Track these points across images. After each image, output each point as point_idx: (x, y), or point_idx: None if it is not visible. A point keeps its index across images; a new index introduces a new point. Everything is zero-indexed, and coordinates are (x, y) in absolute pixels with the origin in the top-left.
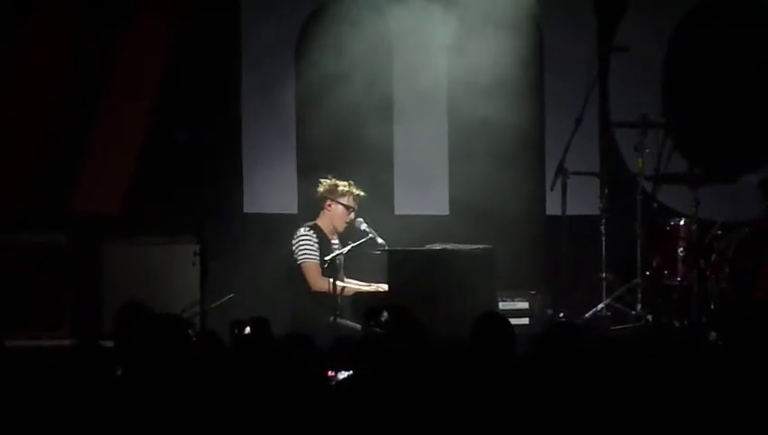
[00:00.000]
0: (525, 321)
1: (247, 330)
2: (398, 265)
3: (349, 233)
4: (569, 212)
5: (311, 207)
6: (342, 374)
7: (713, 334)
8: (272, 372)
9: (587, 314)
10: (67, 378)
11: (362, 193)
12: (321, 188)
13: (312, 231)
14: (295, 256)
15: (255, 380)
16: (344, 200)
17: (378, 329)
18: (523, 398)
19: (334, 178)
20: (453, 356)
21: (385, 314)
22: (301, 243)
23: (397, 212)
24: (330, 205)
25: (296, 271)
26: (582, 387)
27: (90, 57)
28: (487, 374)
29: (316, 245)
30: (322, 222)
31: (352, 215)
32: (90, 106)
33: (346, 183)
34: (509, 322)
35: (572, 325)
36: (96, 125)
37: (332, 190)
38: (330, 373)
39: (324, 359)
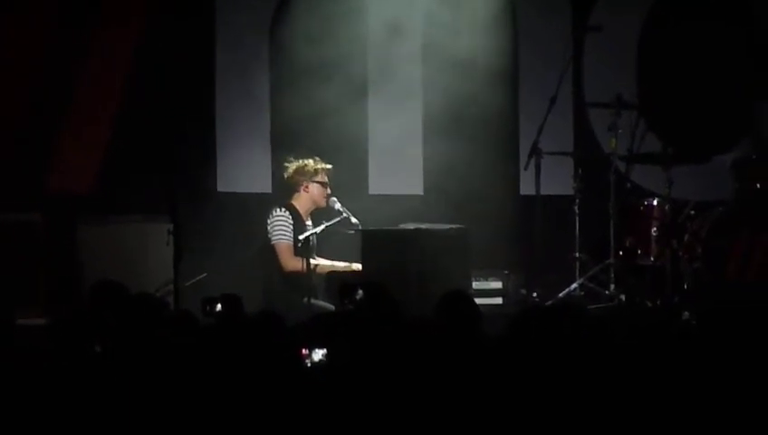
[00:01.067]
0: (499, 301)
1: (218, 307)
2: (372, 244)
3: (323, 212)
4: (543, 192)
5: (285, 187)
6: (317, 352)
7: (686, 314)
8: (245, 350)
9: (560, 294)
10: (46, 355)
11: (329, 166)
12: (290, 171)
13: (287, 212)
14: (269, 235)
15: (229, 358)
16: (318, 178)
17: (352, 307)
18: (494, 378)
19: (296, 157)
20: (421, 335)
21: (360, 291)
22: (276, 223)
23: (371, 192)
24: (306, 187)
25: (269, 251)
26: (556, 367)
27: (63, 38)
28: (455, 353)
29: (291, 226)
30: (298, 203)
31: (328, 190)
32: (63, 86)
33: (311, 160)
34: (473, 301)
35: (548, 308)
36: (69, 104)
37: (303, 172)
38: (304, 351)
39: (298, 337)
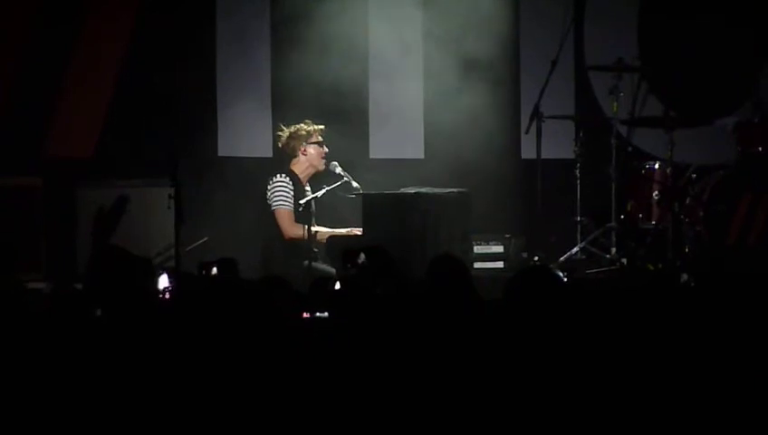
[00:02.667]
0: (500, 265)
1: (214, 270)
2: (373, 208)
3: (322, 178)
4: (544, 156)
5: (282, 155)
6: (319, 316)
7: (684, 276)
8: (247, 315)
9: (561, 258)
10: (47, 320)
11: (322, 127)
12: (284, 138)
13: (287, 178)
14: (269, 201)
15: (231, 322)
16: (314, 139)
17: (355, 271)
18: (488, 340)
19: (287, 124)
20: (414, 298)
21: (362, 255)
22: (276, 189)
23: (372, 156)
24: (304, 150)
25: (269, 217)
26: (554, 329)
27: (62, 1)
28: (447, 316)
29: (291, 192)
30: (298, 168)
31: (325, 148)
32: (62, 49)
33: (305, 123)
34: (464, 263)
35: (544, 268)
36: (69, 68)
37: (298, 136)
38: (305, 315)
39: (301, 302)
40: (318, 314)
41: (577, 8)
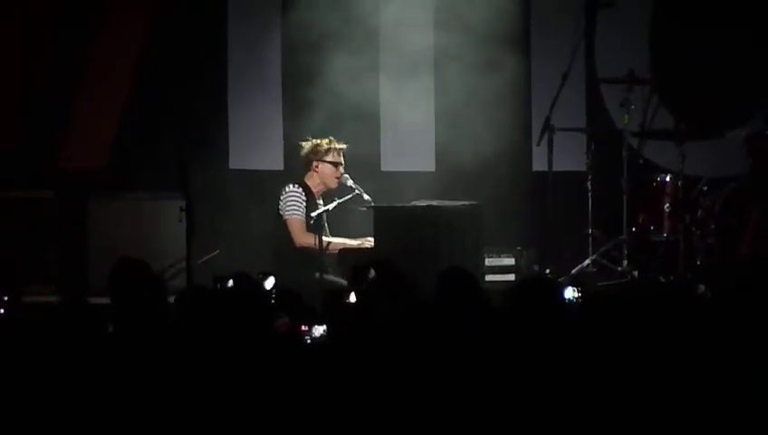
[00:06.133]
0: (512, 277)
1: (230, 283)
2: (385, 221)
3: (334, 190)
4: (555, 168)
5: (297, 164)
6: (317, 329)
7: (701, 287)
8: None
9: (573, 271)
10: (59, 335)
11: (344, 145)
12: (305, 150)
13: (300, 188)
14: (281, 211)
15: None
16: (329, 158)
17: (364, 286)
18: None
19: (313, 137)
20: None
21: (372, 271)
22: (289, 198)
23: (383, 169)
24: (317, 166)
25: (281, 226)
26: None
27: (75, 12)
28: (456, 329)
29: (303, 202)
30: (311, 182)
31: (341, 169)
32: (74, 62)
33: (327, 140)
34: (473, 275)
35: (544, 280)
36: (81, 81)
37: (316, 151)
38: (303, 328)
39: (311, 314)
40: (316, 326)
41: (588, 21)
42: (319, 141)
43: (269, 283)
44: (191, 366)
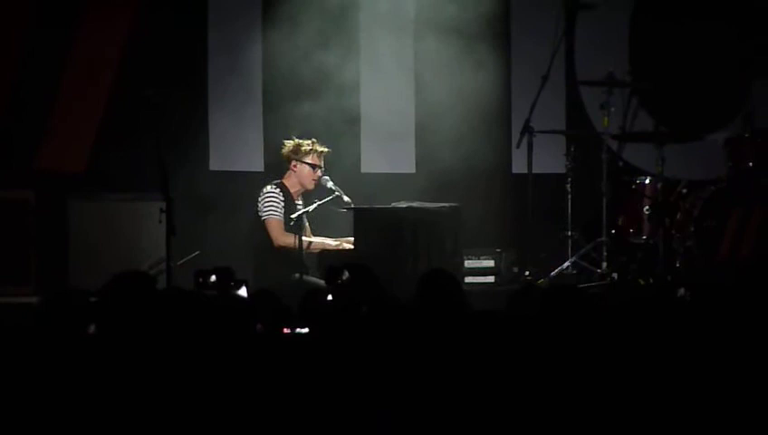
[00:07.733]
0: (491, 279)
1: (212, 278)
2: (364, 222)
3: (314, 192)
4: (535, 170)
5: (277, 166)
6: (299, 331)
7: (681, 290)
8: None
9: (552, 273)
10: (39, 335)
11: (326, 149)
12: (285, 149)
13: (278, 189)
14: (260, 212)
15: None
16: (309, 159)
17: (338, 287)
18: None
19: (298, 137)
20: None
21: (345, 273)
22: (266, 199)
23: (363, 170)
24: (295, 165)
25: (260, 227)
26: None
27: (55, 13)
28: (437, 331)
29: (282, 203)
30: (288, 182)
31: (319, 172)
32: (54, 63)
33: (309, 142)
34: (455, 278)
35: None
36: (60, 82)
37: (296, 151)
38: (285, 330)
39: (288, 316)
40: (298, 329)
41: (568, 23)
42: (301, 142)
43: (242, 291)
44: (173, 366)
